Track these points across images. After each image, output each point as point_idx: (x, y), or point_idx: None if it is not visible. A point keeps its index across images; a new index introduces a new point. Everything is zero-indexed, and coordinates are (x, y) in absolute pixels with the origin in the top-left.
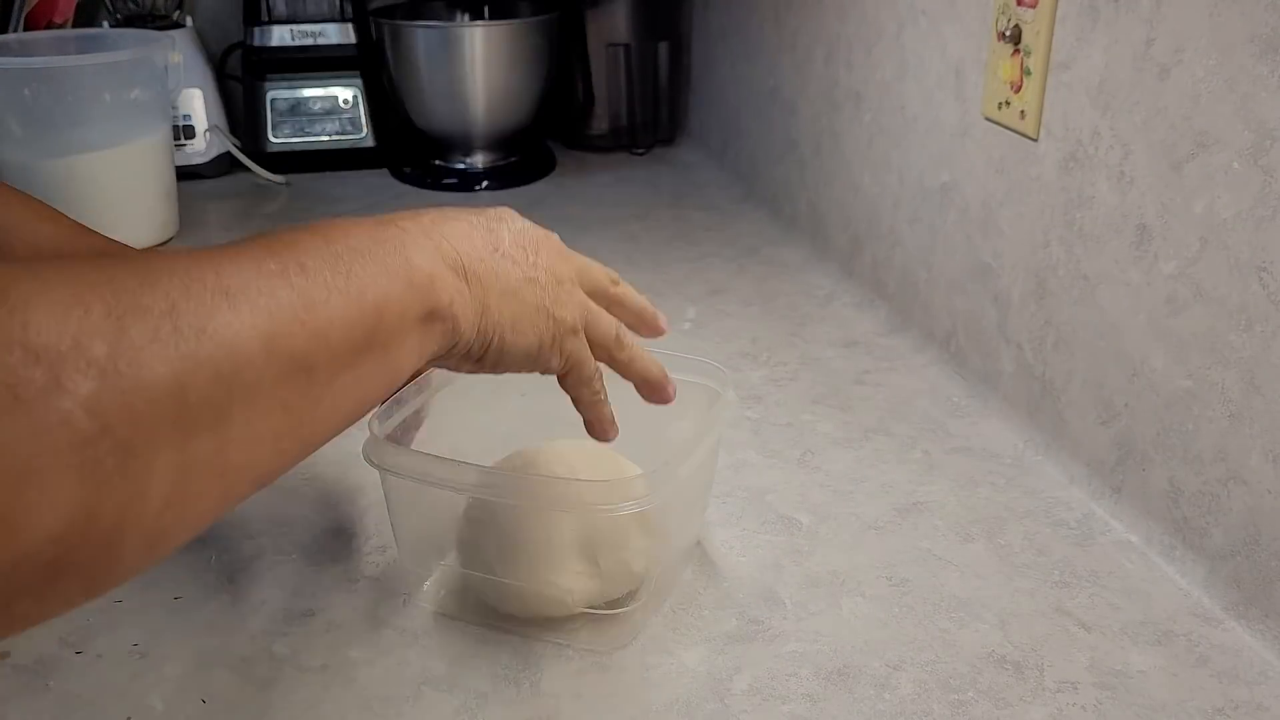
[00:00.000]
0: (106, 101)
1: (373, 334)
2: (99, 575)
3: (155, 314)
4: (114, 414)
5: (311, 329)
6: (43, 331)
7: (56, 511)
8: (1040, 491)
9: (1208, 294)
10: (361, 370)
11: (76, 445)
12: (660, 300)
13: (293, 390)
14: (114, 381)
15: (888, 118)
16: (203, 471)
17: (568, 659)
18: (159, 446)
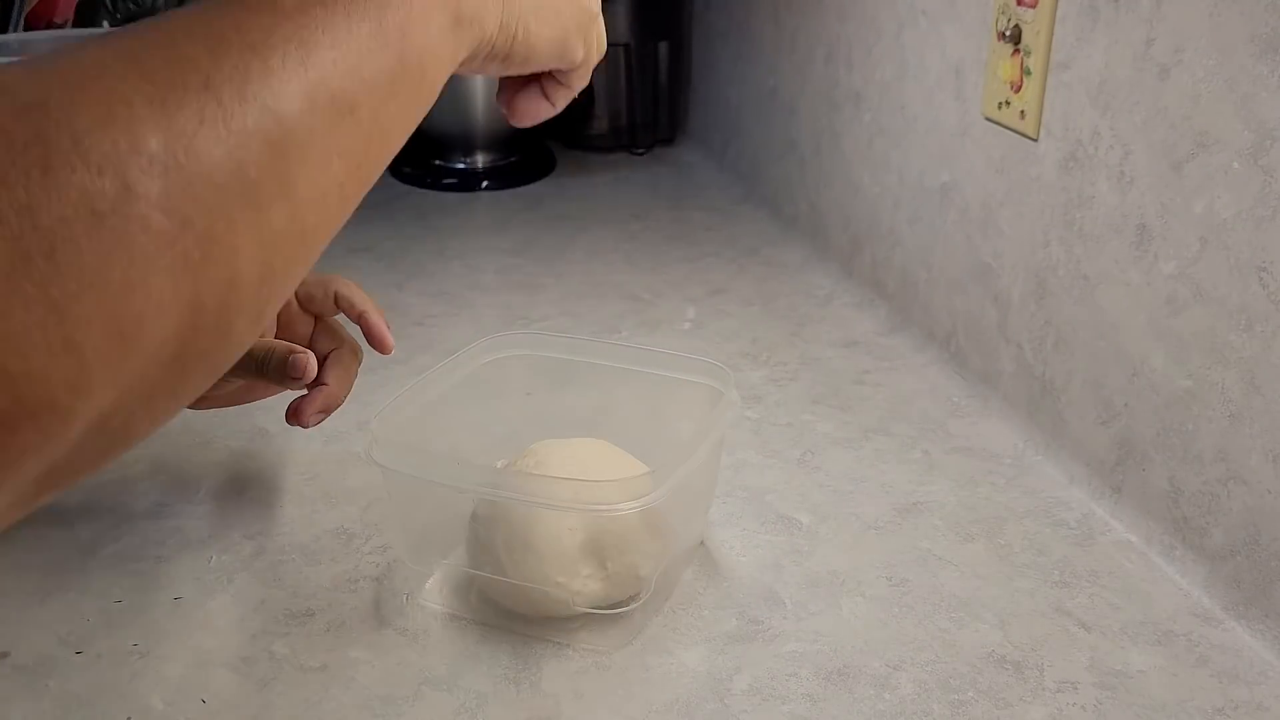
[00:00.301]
0: None
1: (404, 57)
2: (218, 356)
3: (194, 90)
4: (188, 207)
5: (344, 68)
6: (95, 140)
7: (164, 314)
8: (1040, 491)
9: (1208, 294)
10: (402, 96)
11: (163, 246)
12: (660, 300)
13: (342, 136)
14: (177, 175)
15: (888, 118)
16: (285, 239)
17: (568, 659)
18: (237, 227)
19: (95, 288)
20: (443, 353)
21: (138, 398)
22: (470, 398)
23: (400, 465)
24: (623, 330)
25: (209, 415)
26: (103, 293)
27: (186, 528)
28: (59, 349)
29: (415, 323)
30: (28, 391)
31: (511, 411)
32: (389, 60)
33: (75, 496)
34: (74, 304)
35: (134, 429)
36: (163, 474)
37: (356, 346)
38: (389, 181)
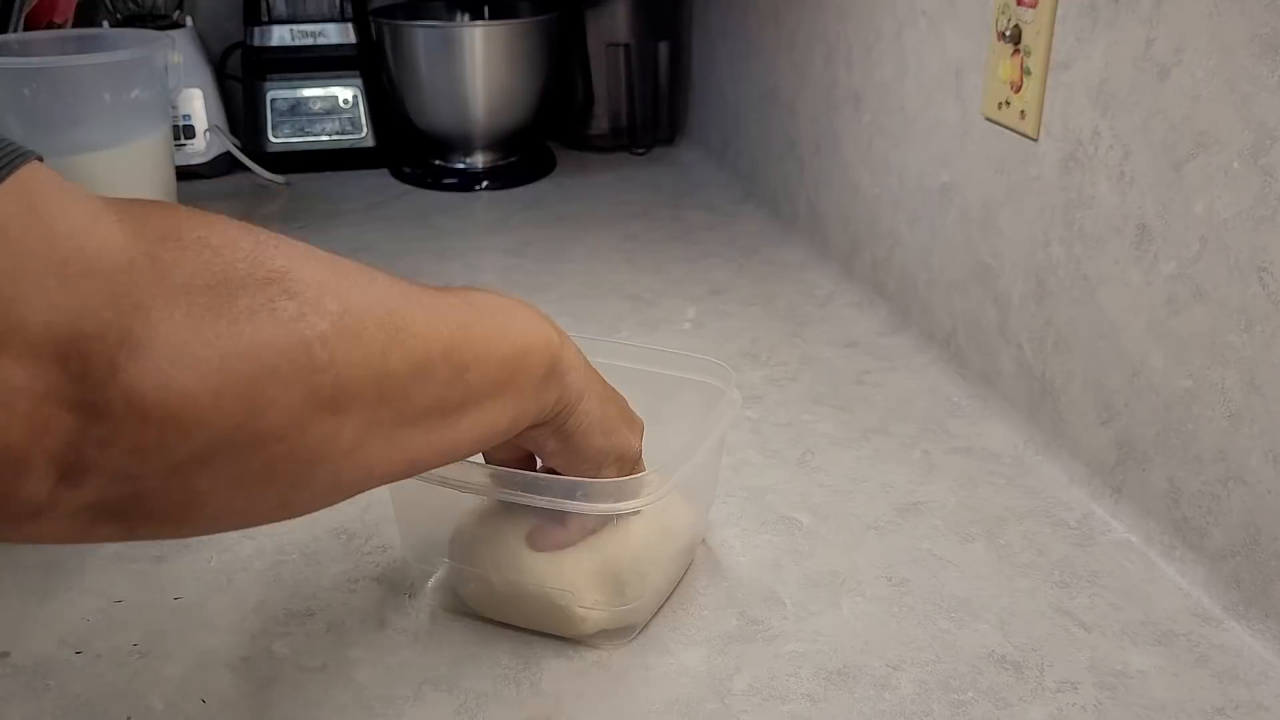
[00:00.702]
0: (106, 101)
1: (515, 373)
2: (294, 492)
3: (372, 293)
4: (340, 356)
5: (476, 352)
6: (296, 277)
7: (286, 414)
8: (1040, 491)
9: (1208, 294)
10: (501, 402)
11: (310, 368)
12: (660, 300)
13: (453, 397)
14: (341, 331)
15: (887, 118)
16: (381, 435)
17: (568, 659)
18: (362, 400)
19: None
20: None
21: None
22: None
23: None
24: (623, 330)
25: None
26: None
27: None
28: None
29: None
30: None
31: None
32: (506, 369)
33: None
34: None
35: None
36: None
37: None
38: (389, 181)
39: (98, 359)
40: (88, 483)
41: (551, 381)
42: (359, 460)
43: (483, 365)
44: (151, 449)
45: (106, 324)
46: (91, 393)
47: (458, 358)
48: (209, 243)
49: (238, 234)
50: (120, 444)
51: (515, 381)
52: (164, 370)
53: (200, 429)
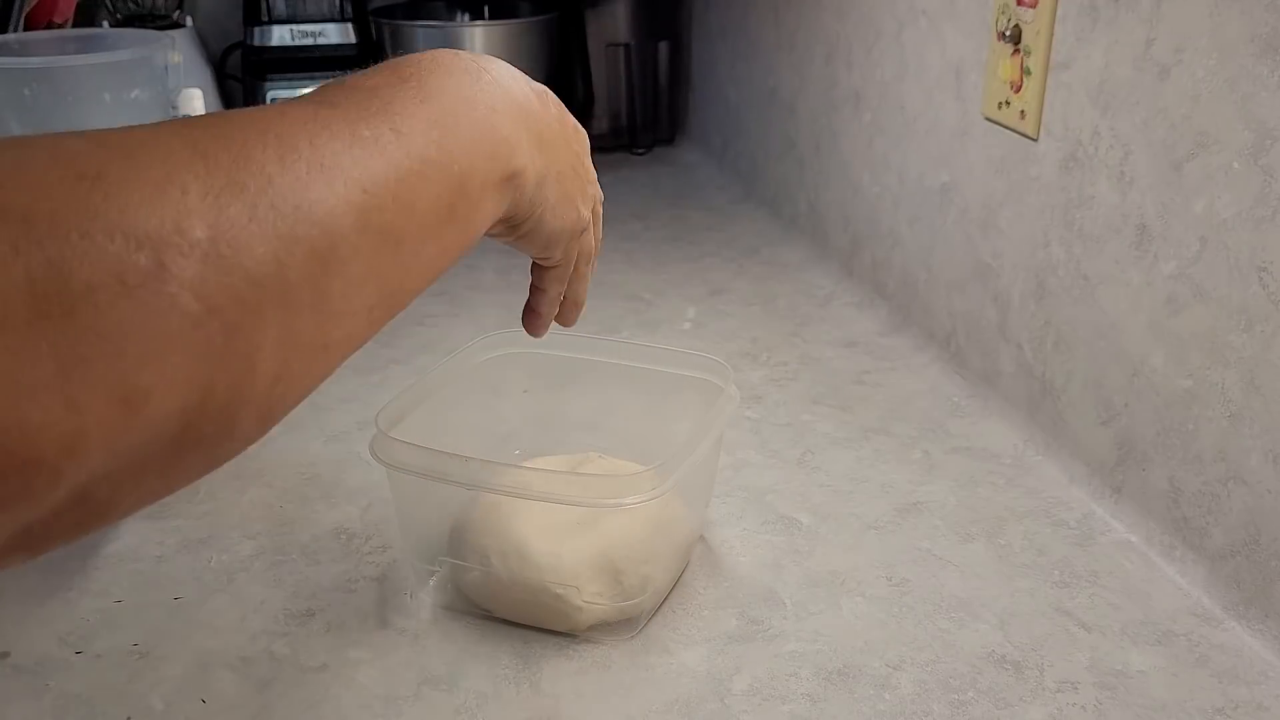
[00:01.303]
0: (106, 101)
1: (455, 205)
2: (218, 448)
3: (251, 191)
4: (219, 295)
5: (402, 202)
6: (142, 216)
7: (175, 390)
8: (1040, 491)
9: (1208, 294)
10: (444, 239)
11: (187, 327)
12: (660, 300)
13: (383, 263)
14: (216, 264)
15: (888, 118)
16: (305, 346)
17: (568, 659)
18: (264, 325)
19: (109, 355)
20: (442, 352)
21: (129, 471)
22: (471, 396)
23: (405, 463)
24: (623, 330)
25: None
26: (116, 361)
27: (186, 528)
28: (60, 407)
29: (415, 322)
30: (20, 444)
31: (512, 409)
32: (443, 203)
33: None
34: (84, 366)
35: (117, 503)
36: None
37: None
38: None
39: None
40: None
41: (504, 192)
42: (290, 380)
43: (412, 211)
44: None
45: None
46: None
47: (376, 220)
48: (17, 205)
49: (49, 167)
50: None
51: (456, 214)
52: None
53: (70, 459)
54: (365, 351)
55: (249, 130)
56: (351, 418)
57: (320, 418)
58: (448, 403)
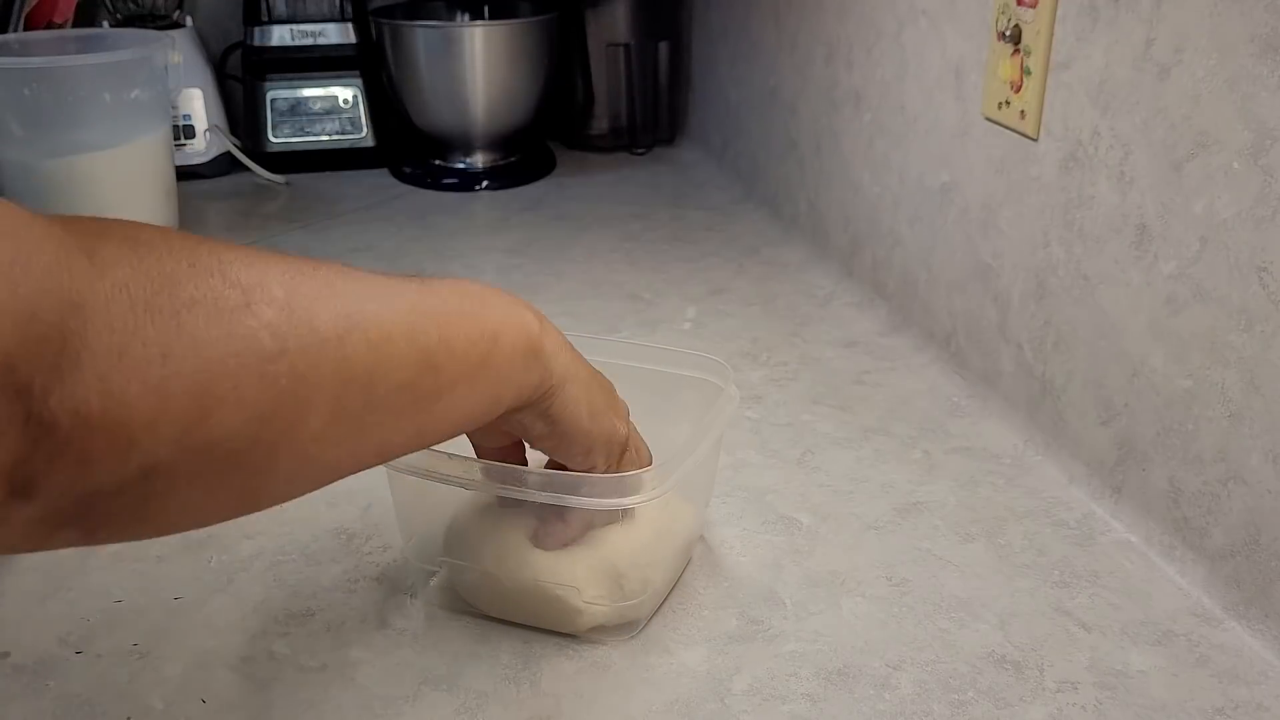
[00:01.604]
0: (106, 101)
1: (489, 355)
2: (258, 484)
3: (320, 280)
4: (291, 342)
5: (442, 335)
6: (237, 270)
7: (240, 410)
8: (1040, 491)
9: (1208, 294)
10: (475, 385)
11: (261, 359)
12: (660, 300)
13: (422, 381)
14: (290, 316)
15: (888, 118)
16: (348, 422)
17: (568, 659)
18: (321, 385)
19: (198, 359)
20: None
21: (185, 471)
22: None
23: (405, 463)
24: (623, 330)
25: None
26: (202, 365)
27: None
28: (152, 386)
29: None
30: (118, 408)
31: None
32: (478, 351)
33: None
34: (177, 361)
35: (168, 504)
36: None
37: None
38: (389, 181)
39: (39, 371)
40: (40, 496)
41: (531, 363)
42: (325, 450)
43: (451, 346)
44: (101, 459)
45: (48, 329)
46: (36, 407)
47: (422, 340)
48: (143, 239)
49: (171, 234)
50: (69, 457)
51: (490, 364)
52: (105, 377)
53: (149, 434)
54: None
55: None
56: None
57: None
58: None
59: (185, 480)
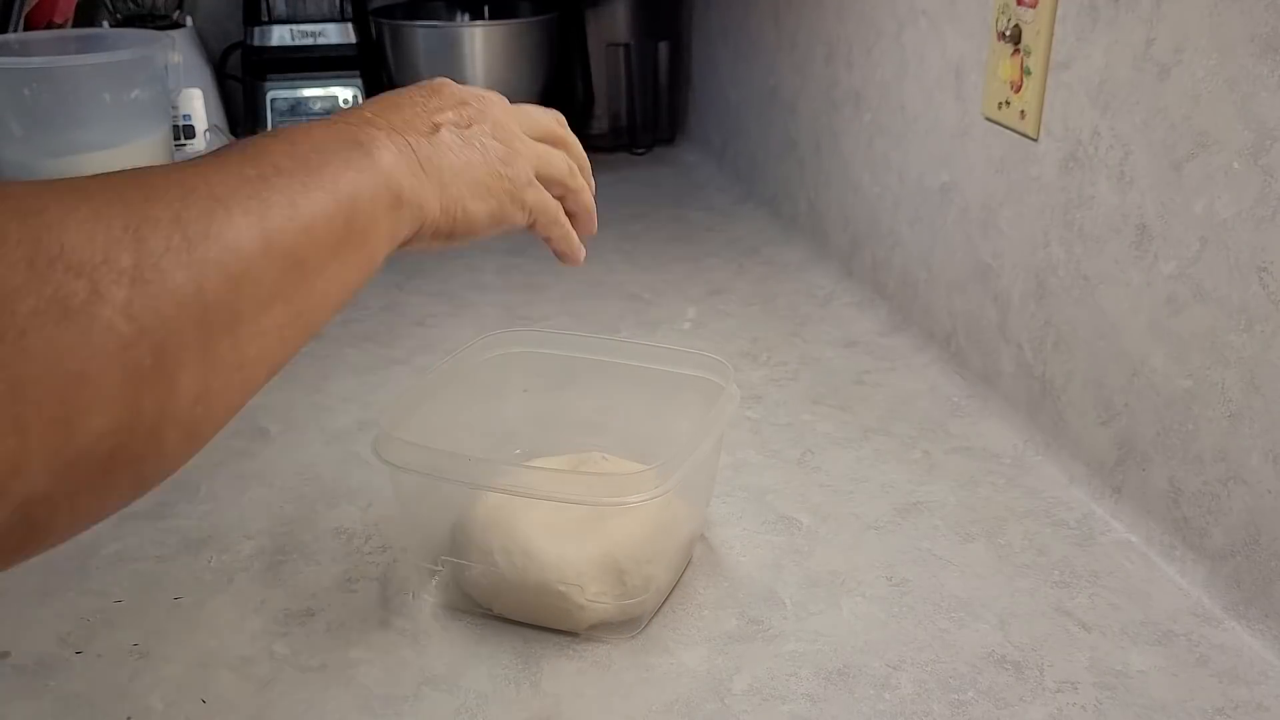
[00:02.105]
0: (106, 101)
1: (350, 225)
2: (147, 467)
3: (164, 223)
4: (147, 318)
5: (299, 225)
6: (78, 247)
7: (107, 410)
8: (1040, 491)
9: (1208, 294)
10: (344, 259)
11: (119, 348)
12: (660, 300)
13: (290, 284)
14: (143, 288)
15: (888, 118)
16: (225, 366)
17: (568, 659)
18: (187, 345)
19: (50, 376)
20: (443, 352)
21: (65, 491)
22: (471, 396)
23: (409, 463)
24: (623, 330)
25: None
26: (56, 382)
27: (186, 528)
28: (7, 427)
29: (416, 322)
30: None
31: (512, 409)
32: (337, 227)
33: None
34: (31, 386)
35: (55, 524)
36: None
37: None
38: None
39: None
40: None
41: (397, 213)
42: (210, 403)
43: (311, 235)
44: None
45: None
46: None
47: (280, 244)
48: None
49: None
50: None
51: (353, 232)
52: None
53: (17, 479)
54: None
55: (153, 175)
56: (351, 418)
57: (320, 418)
58: (448, 403)
59: (67, 499)
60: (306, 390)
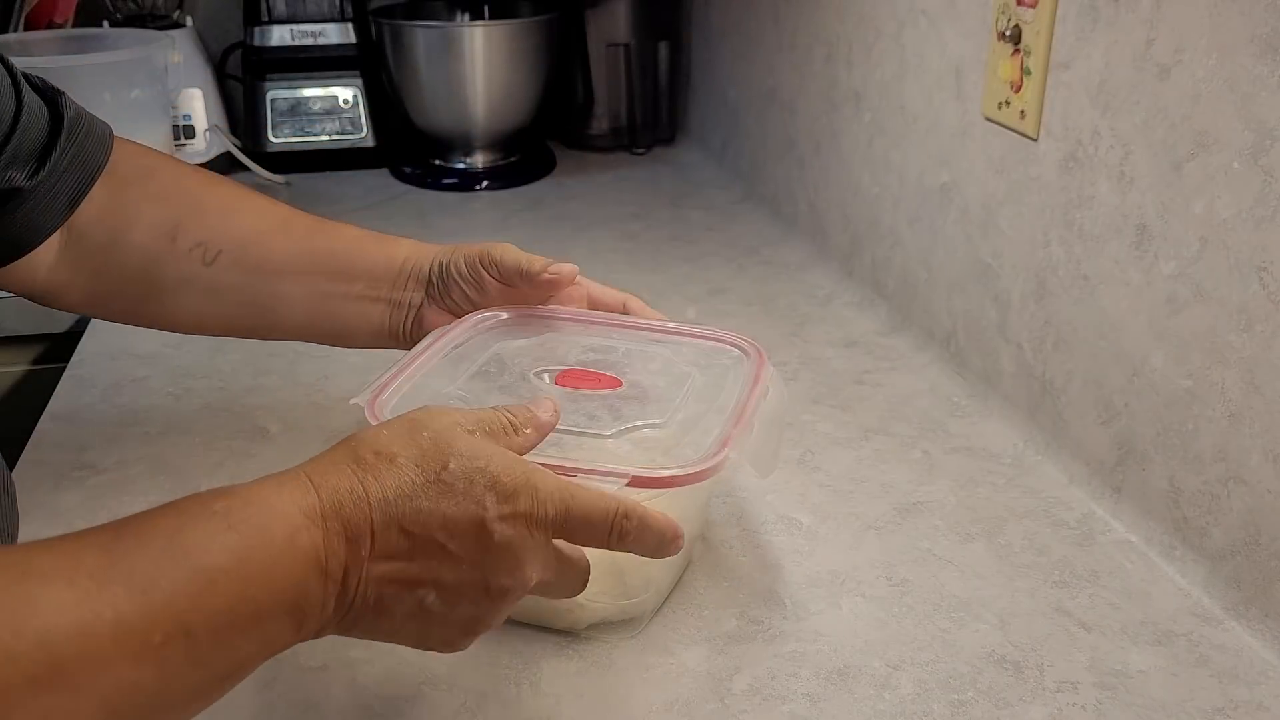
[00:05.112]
0: (106, 101)
1: (253, 623)
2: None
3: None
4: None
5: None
6: None
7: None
8: (1040, 491)
9: (1208, 294)
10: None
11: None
12: (660, 300)
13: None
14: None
15: (888, 118)
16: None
17: (568, 659)
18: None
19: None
20: None
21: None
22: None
23: None
24: None
25: (208, 415)
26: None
27: None
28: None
29: None
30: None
31: None
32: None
33: (75, 497)
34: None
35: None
36: (162, 474)
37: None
38: (389, 181)
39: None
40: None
41: (299, 631)
42: None
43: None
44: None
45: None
46: None
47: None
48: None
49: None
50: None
51: (255, 630)
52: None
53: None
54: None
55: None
56: (351, 418)
57: (320, 417)
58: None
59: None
60: (306, 390)
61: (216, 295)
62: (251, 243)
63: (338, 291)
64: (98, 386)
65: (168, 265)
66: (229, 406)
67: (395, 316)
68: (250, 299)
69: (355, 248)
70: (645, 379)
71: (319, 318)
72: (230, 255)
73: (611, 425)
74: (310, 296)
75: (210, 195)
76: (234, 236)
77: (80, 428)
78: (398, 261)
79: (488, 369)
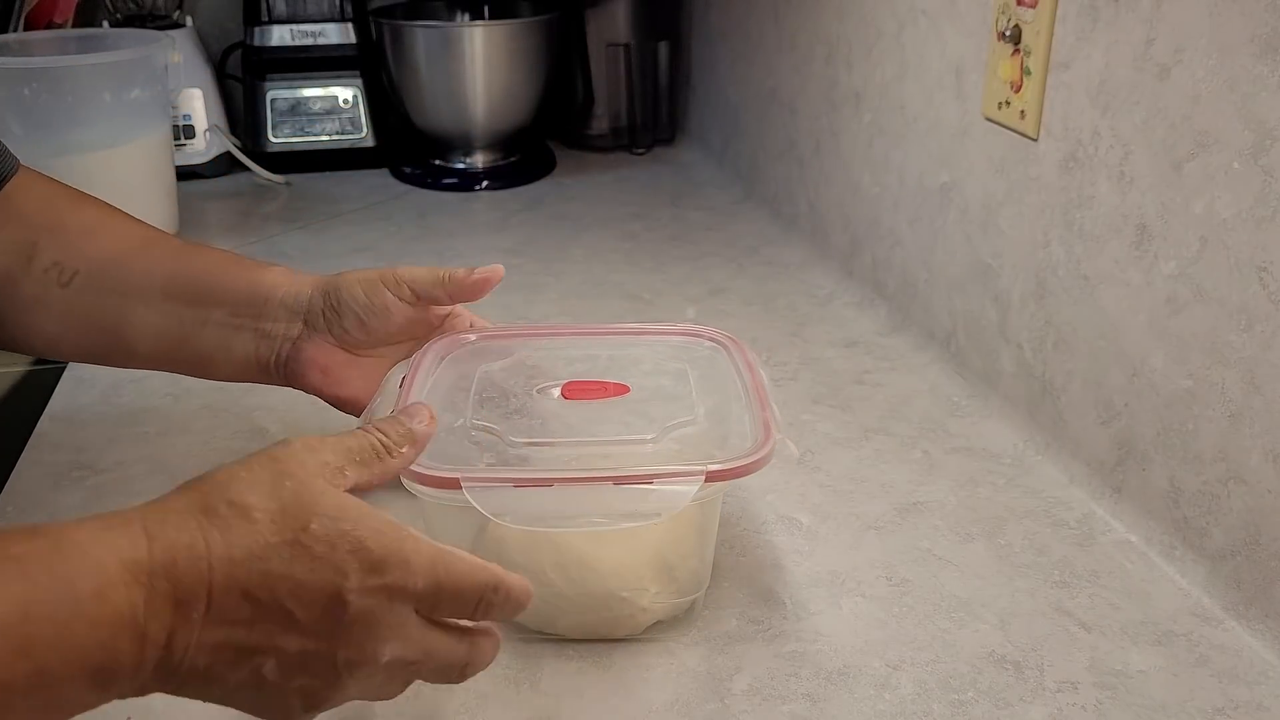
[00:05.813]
0: (106, 101)
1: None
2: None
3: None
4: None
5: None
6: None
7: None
8: (1040, 491)
9: (1208, 294)
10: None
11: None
12: (660, 300)
13: None
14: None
15: (888, 118)
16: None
17: (568, 659)
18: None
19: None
20: None
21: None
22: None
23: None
24: None
25: (209, 416)
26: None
27: None
28: None
29: None
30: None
31: None
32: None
33: (75, 497)
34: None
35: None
36: (162, 474)
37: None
38: (389, 181)
39: None
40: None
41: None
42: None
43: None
44: None
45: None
46: None
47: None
48: None
49: None
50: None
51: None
52: None
53: None
54: None
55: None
56: (351, 418)
57: (321, 417)
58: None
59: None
60: None
61: (71, 318)
62: (110, 264)
63: (196, 318)
64: (97, 387)
65: (23, 285)
66: (228, 407)
67: (264, 348)
68: (104, 323)
69: (218, 271)
70: (647, 380)
71: (174, 345)
72: (86, 277)
73: (649, 429)
74: (166, 322)
75: (74, 216)
76: (92, 257)
77: (79, 428)
78: (263, 288)
79: (488, 395)
